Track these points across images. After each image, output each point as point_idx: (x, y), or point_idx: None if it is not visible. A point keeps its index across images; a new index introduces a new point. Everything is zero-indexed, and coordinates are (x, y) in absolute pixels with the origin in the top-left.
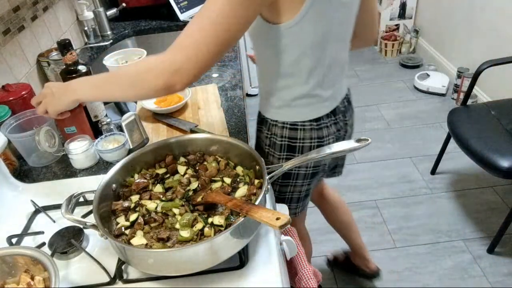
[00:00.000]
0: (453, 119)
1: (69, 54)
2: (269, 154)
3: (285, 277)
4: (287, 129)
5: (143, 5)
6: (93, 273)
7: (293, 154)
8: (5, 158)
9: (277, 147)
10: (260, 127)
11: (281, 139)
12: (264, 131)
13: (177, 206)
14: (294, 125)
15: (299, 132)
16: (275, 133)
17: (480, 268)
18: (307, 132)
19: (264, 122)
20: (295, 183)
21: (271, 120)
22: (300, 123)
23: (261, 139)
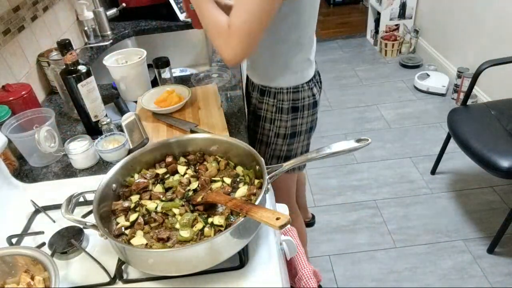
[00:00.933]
0: (453, 119)
1: (69, 54)
2: (276, 119)
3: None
4: (291, 93)
5: (143, 5)
6: (93, 273)
7: (297, 113)
8: (5, 158)
9: (284, 111)
10: (262, 99)
11: (287, 103)
12: (269, 101)
13: (177, 206)
14: (296, 88)
15: (300, 93)
16: (282, 99)
17: (480, 268)
18: (305, 92)
19: (268, 93)
20: (302, 139)
21: (275, 89)
22: (300, 86)
23: (264, 109)
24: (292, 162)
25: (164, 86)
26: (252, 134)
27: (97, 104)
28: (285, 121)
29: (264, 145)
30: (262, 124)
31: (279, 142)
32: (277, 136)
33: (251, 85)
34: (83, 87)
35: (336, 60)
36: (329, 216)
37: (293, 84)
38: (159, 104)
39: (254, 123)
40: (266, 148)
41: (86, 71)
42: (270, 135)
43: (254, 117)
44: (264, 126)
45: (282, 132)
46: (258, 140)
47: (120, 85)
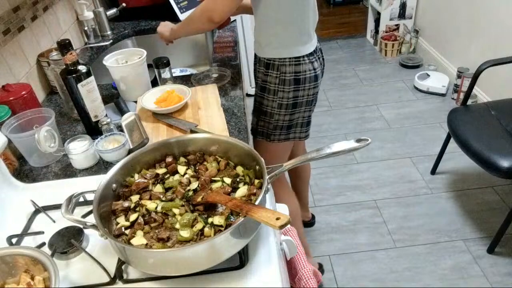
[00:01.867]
0: (453, 119)
1: (69, 54)
2: (279, 90)
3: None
4: (293, 65)
5: (143, 5)
6: (93, 273)
7: (299, 86)
8: (5, 158)
9: (286, 83)
10: (266, 72)
11: (289, 75)
12: (272, 73)
13: (177, 206)
14: (297, 61)
15: (301, 66)
16: (284, 71)
17: (480, 268)
18: (306, 65)
19: (271, 66)
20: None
21: (279, 60)
22: (301, 58)
23: (268, 81)
24: (293, 162)
25: (164, 86)
26: (258, 106)
27: (97, 104)
28: (287, 92)
29: (268, 115)
30: (266, 95)
31: (282, 113)
32: (280, 106)
33: (258, 60)
34: (83, 87)
35: (336, 60)
36: (329, 216)
37: (295, 55)
38: (159, 104)
39: (260, 96)
40: (270, 119)
41: (86, 71)
42: (274, 106)
43: (260, 90)
44: (268, 97)
45: (285, 103)
46: (262, 111)
47: (120, 85)
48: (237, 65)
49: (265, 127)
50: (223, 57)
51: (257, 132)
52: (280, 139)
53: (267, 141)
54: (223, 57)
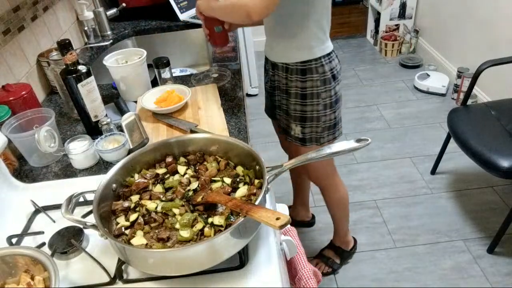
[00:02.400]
0: (453, 119)
1: (69, 54)
2: (322, 92)
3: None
4: (328, 63)
5: (143, 5)
6: (93, 273)
7: (336, 80)
8: (5, 158)
9: (327, 82)
10: (304, 78)
11: (328, 73)
12: (313, 77)
13: (177, 206)
14: (330, 57)
15: (333, 62)
16: (323, 71)
17: (480, 268)
18: (335, 59)
19: (309, 70)
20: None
21: (315, 62)
22: (332, 53)
23: (308, 87)
24: (293, 162)
25: (164, 86)
26: (299, 115)
27: (97, 104)
28: (329, 91)
29: (315, 120)
30: (310, 101)
31: (328, 113)
32: (325, 107)
33: (286, 70)
34: (83, 87)
35: None
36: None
37: (327, 52)
38: (159, 104)
39: (301, 104)
40: (318, 123)
41: (86, 71)
42: (319, 109)
43: (299, 97)
44: (312, 102)
45: (328, 102)
46: (308, 118)
47: (120, 85)
48: (237, 65)
49: (313, 132)
50: (223, 57)
51: (305, 140)
52: (329, 140)
53: (318, 145)
54: (223, 57)
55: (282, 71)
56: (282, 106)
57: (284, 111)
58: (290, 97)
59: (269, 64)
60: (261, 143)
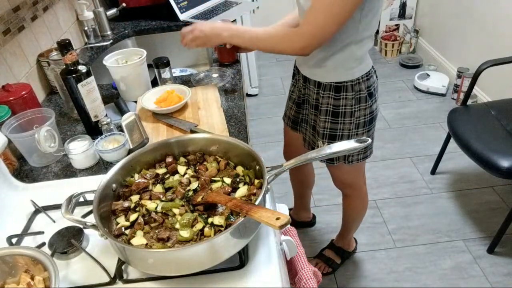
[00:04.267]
0: (453, 119)
1: (69, 54)
2: (355, 110)
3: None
4: (365, 80)
5: (143, 5)
6: (93, 273)
7: (372, 98)
8: (5, 158)
9: (362, 100)
10: (337, 96)
11: (365, 91)
12: (347, 95)
13: (177, 206)
14: (368, 75)
15: (371, 79)
16: (360, 89)
17: (480, 268)
18: (372, 77)
19: (344, 88)
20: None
21: (351, 82)
22: (371, 71)
23: (342, 105)
24: (293, 162)
25: (164, 86)
26: (328, 132)
27: (97, 104)
28: (363, 109)
29: (346, 138)
30: (342, 120)
31: (360, 132)
32: (357, 126)
33: (318, 85)
34: (83, 87)
35: None
36: (330, 216)
37: (365, 71)
38: (159, 104)
39: (332, 122)
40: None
41: (86, 71)
42: (351, 128)
43: (329, 115)
44: (344, 121)
45: (362, 121)
46: (338, 136)
47: (120, 85)
48: (237, 65)
49: None
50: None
51: (333, 160)
52: (359, 159)
53: (346, 164)
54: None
55: (314, 86)
56: (309, 121)
57: (311, 126)
58: (321, 113)
59: (300, 75)
60: (261, 143)
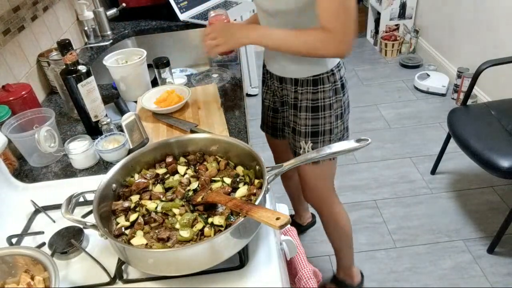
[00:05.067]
0: (453, 119)
1: (69, 54)
2: (334, 102)
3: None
4: (338, 71)
5: (143, 5)
6: (93, 273)
7: (345, 88)
8: (5, 158)
9: (338, 90)
10: (315, 89)
11: (339, 82)
12: (325, 87)
13: (177, 206)
14: (339, 66)
15: (341, 70)
16: (335, 80)
17: (480, 268)
18: (342, 68)
19: (321, 80)
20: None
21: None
22: (339, 63)
23: (320, 98)
24: (293, 162)
25: (164, 86)
26: (309, 130)
27: (97, 104)
28: (339, 101)
29: (327, 133)
30: (322, 114)
31: (339, 123)
32: (337, 118)
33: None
34: (83, 87)
35: None
36: None
37: (337, 61)
38: (159, 104)
39: (313, 118)
40: (330, 136)
41: (86, 71)
42: (332, 121)
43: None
44: (324, 115)
45: (340, 112)
46: (320, 132)
47: (120, 85)
48: (237, 65)
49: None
50: (223, 57)
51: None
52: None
53: (331, 161)
54: (223, 57)
55: (291, 84)
56: (289, 123)
57: (291, 128)
58: (300, 111)
59: (274, 78)
60: (261, 143)
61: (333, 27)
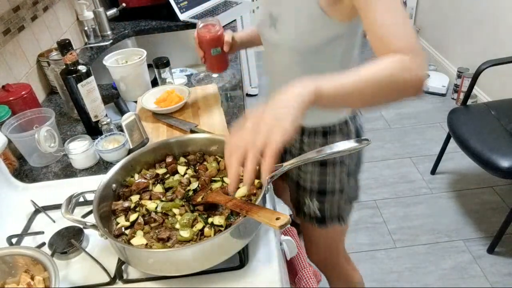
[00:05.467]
0: (453, 119)
1: (69, 54)
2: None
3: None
4: (353, 121)
5: (143, 5)
6: (93, 273)
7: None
8: (5, 158)
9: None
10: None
11: (355, 133)
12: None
13: (177, 206)
14: (353, 114)
15: (357, 119)
16: (349, 131)
17: (480, 268)
18: (358, 118)
19: (332, 132)
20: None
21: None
22: (355, 110)
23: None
24: (293, 161)
25: (164, 86)
26: (317, 188)
27: (97, 104)
28: (354, 154)
29: (338, 193)
30: (332, 170)
31: (351, 180)
32: (349, 174)
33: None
34: (83, 87)
35: None
36: None
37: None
38: (159, 104)
39: (321, 173)
40: (341, 195)
41: (86, 71)
42: (342, 177)
43: (317, 166)
44: (334, 171)
45: (353, 167)
46: (329, 191)
47: (120, 85)
48: (237, 65)
49: (335, 206)
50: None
51: (324, 219)
52: (350, 212)
53: (340, 225)
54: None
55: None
56: (290, 175)
57: (293, 181)
58: (306, 165)
59: None
60: None
61: (409, 44)
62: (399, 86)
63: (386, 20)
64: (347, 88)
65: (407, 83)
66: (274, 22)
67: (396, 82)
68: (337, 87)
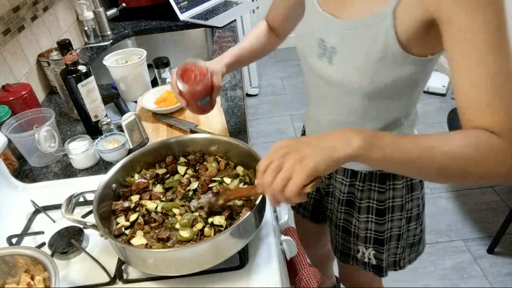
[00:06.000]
0: (453, 119)
1: (69, 54)
2: (407, 201)
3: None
4: None
5: (143, 5)
6: (93, 273)
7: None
8: (5, 158)
9: (416, 186)
10: (383, 188)
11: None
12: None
13: (177, 206)
14: None
15: None
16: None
17: (480, 268)
18: None
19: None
20: (413, 226)
21: None
22: None
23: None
24: None
25: (164, 86)
26: (371, 235)
27: (97, 104)
28: (416, 199)
29: (395, 240)
30: (390, 217)
31: (412, 226)
32: (409, 220)
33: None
34: (83, 87)
35: None
36: None
37: None
38: (159, 104)
39: (376, 222)
40: (398, 242)
41: (86, 71)
42: (401, 224)
43: (373, 214)
44: (392, 218)
45: (415, 212)
46: (386, 239)
47: (120, 85)
48: None
49: (392, 254)
50: None
51: (381, 268)
52: (411, 259)
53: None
54: None
55: (344, 176)
56: (334, 220)
57: (339, 227)
58: (360, 212)
59: None
60: (261, 143)
61: (509, 123)
62: (475, 178)
63: (482, 80)
64: (406, 159)
65: (490, 175)
66: (330, 54)
67: (472, 174)
68: (393, 155)
